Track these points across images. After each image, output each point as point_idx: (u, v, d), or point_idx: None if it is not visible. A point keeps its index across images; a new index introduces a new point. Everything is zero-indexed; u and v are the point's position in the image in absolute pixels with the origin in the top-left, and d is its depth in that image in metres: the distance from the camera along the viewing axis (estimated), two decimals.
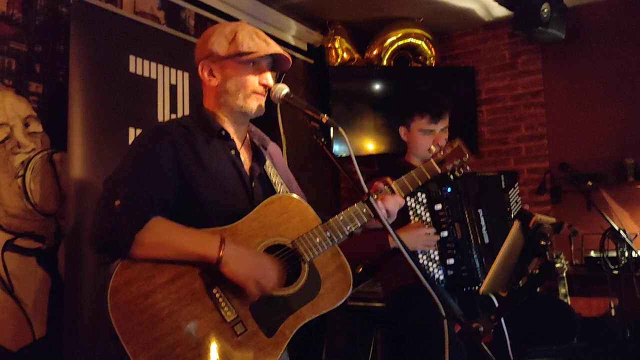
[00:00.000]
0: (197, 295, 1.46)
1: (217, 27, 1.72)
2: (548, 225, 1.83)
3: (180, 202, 1.56)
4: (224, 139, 1.68)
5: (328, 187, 4.31)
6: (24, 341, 2.48)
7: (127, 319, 1.38)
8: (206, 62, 1.69)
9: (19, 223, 2.53)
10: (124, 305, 1.39)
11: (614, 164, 3.87)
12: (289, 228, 1.61)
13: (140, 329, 1.38)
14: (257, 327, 1.49)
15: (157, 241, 1.45)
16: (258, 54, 1.65)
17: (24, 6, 2.64)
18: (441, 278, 2.34)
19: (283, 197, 1.66)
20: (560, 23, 3.87)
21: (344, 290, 1.62)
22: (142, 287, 1.42)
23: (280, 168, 1.87)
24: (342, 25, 4.41)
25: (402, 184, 1.77)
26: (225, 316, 1.46)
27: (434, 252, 2.34)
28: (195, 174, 1.58)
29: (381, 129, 4.36)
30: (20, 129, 2.57)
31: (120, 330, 1.37)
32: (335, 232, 1.62)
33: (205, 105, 1.74)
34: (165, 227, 1.48)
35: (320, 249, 1.60)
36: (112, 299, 1.39)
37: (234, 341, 1.45)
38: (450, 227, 2.35)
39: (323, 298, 1.58)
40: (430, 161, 1.85)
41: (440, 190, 2.37)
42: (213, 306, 1.46)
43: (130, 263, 1.44)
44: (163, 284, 1.44)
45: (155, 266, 1.45)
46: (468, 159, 1.89)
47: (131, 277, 1.42)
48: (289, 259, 1.58)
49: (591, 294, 3.58)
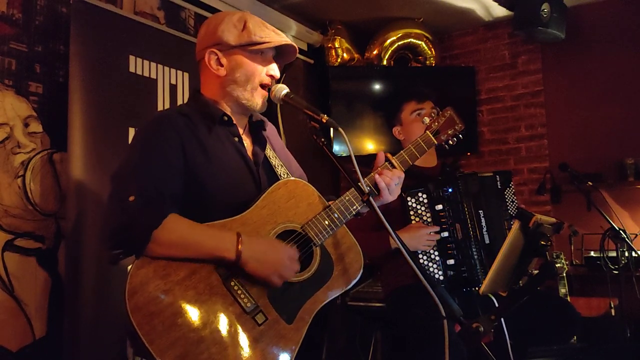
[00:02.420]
0: (215, 289, 1.46)
1: (224, 15, 1.69)
2: (548, 225, 1.83)
3: (186, 191, 1.55)
4: (226, 124, 1.66)
5: (328, 187, 4.32)
6: (24, 341, 2.49)
7: (149, 320, 1.36)
8: (213, 50, 1.65)
9: (19, 223, 2.53)
10: (143, 306, 1.37)
11: (614, 164, 3.87)
12: (298, 213, 1.61)
13: (162, 328, 1.37)
14: (277, 315, 1.50)
15: (174, 240, 1.44)
16: (271, 44, 1.63)
17: (24, 6, 2.64)
18: (441, 278, 2.34)
19: (289, 182, 1.65)
20: (560, 23, 3.87)
21: (357, 269, 1.65)
22: (160, 286, 1.41)
23: (278, 148, 1.86)
24: (342, 25, 4.41)
25: (402, 159, 1.77)
26: (245, 307, 1.46)
27: (435, 253, 2.34)
28: (200, 163, 1.56)
29: (381, 129, 4.36)
30: (20, 129, 2.57)
31: (143, 332, 1.34)
32: (343, 213, 1.63)
33: (204, 93, 1.71)
34: (182, 225, 1.46)
35: (330, 231, 1.61)
36: (131, 300, 1.37)
37: (256, 331, 1.46)
38: (451, 228, 2.35)
39: (337, 280, 1.61)
40: (426, 133, 1.86)
41: (441, 190, 2.37)
42: (232, 298, 1.46)
43: (144, 263, 1.42)
44: (180, 281, 1.43)
45: (169, 264, 1.44)
46: (460, 127, 1.90)
47: (147, 277, 1.41)
48: (301, 244, 1.59)
49: (591, 294, 3.58)
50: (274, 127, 1.93)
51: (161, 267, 1.43)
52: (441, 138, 1.89)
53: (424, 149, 1.82)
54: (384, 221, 1.49)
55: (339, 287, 1.61)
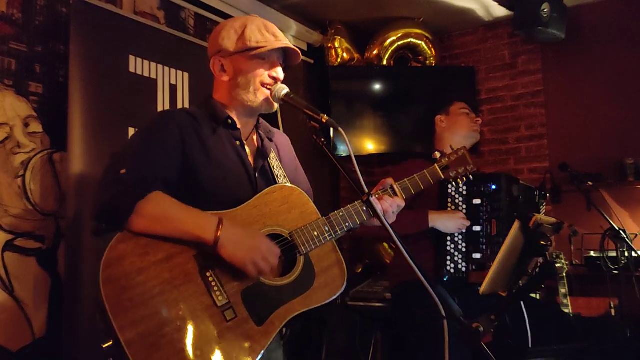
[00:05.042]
0: (190, 277, 1.45)
1: (228, 22, 1.73)
2: (548, 225, 1.83)
3: (182, 188, 1.56)
4: (230, 127, 1.69)
5: (328, 187, 4.32)
6: (24, 341, 2.48)
7: (118, 294, 1.36)
8: (217, 58, 1.70)
9: (19, 223, 2.53)
10: (115, 279, 1.37)
11: (614, 164, 3.87)
12: (289, 219, 1.61)
13: (129, 304, 1.36)
14: (248, 315, 1.48)
15: (156, 213, 1.45)
16: (266, 49, 1.65)
17: (24, 6, 2.64)
18: (463, 270, 2.40)
19: (285, 188, 1.66)
20: (560, 23, 3.87)
21: (338, 286, 1.62)
22: (136, 263, 1.41)
23: (286, 160, 1.87)
24: (342, 25, 4.41)
25: (405, 187, 1.77)
26: (217, 300, 1.46)
27: (463, 244, 2.38)
28: (199, 161, 1.59)
29: (381, 129, 4.36)
30: (20, 129, 2.57)
31: (110, 304, 1.35)
32: (334, 228, 1.62)
33: (215, 97, 1.75)
34: (166, 202, 1.48)
35: (317, 242, 1.60)
36: (104, 272, 1.37)
37: (223, 326, 1.44)
38: (485, 224, 2.39)
39: (316, 292, 1.58)
40: (434, 166, 1.85)
41: (484, 186, 2.41)
42: (205, 289, 1.46)
43: (126, 238, 1.43)
44: (157, 262, 1.43)
45: (150, 243, 1.44)
46: (472, 168, 1.89)
47: (125, 252, 1.41)
48: (286, 249, 1.58)
49: (591, 294, 3.58)
50: (287, 139, 1.95)
51: (141, 246, 1.43)
52: (449, 174, 1.87)
53: (428, 181, 1.82)
54: (384, 221, 1.49)
55: (317, 300, 1.57)
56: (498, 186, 2.42)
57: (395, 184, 1.75)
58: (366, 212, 1.64)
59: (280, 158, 1.83)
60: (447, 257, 2.41)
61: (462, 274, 2.38)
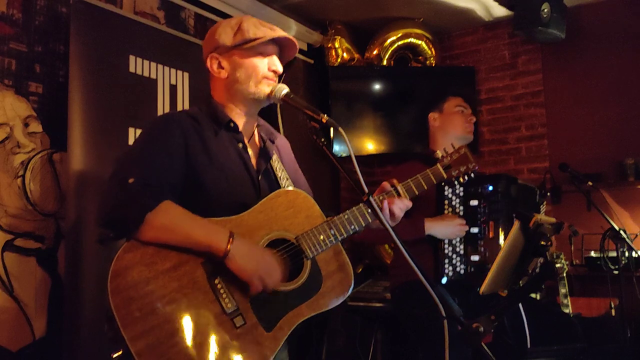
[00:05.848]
0: (199, 284, 1.45)
1: (223, 21, 1.74)
2: (548, 225, 1.83)
3: (186, 191, 1.56)
4: (232, 130, 1.68)
5: (328, 187, 4.32)
6: (24, 341, 2.49)
7: (127, 304, 1.37)
8: (214, 55, 1.69)
9: (19, 223, 2.53)
10: (124, 289, 1.38)
11: (614, 164, 3.87)
12: (295, 223, 1.60)
13: (139, 314, 1.37)
14: (257, 321, 1.48)
15: (166, 224, 1.44)
16: (264, 39, 1.65)
17: (24, 6, 2.64)
18: (462, 272, 2.37)
19: (290, 192, 1.65)
20: (560, 23, 3.87)
21: (344, 289, 1.62)
22: (144, 273, 1.41)
23: (287, 162, 1.86)
24: (342, 25, 4.41)
25: (408, 187, 1.76)
26: (225, 307, 1.46)
27: (460, 246, 2.36)
28: (202, 164, 1.58)
29: (381, 129, 4.36)
30: (20, 129, 2.57)
31: (119, 315, 1.35)
32: (340, 231, 1.62)
33: (214, 97, 1.74)
34: (176, 212, 1.47)
35: (323, 246, 1.59)
36: (113, 282, 1.37)
37: (233, 333, 1.45)
38: (483, 225, 2.37)
39: (323, 296, 1.58)
40: (437, 166, 1.84)
41: (480, 187, 2.39)
42: (214, 297, 1.45)
43: (133, 247, 1.43)
44: (165, 271, 1.43)
45: (157, 252, 1.44)
46: (473, 166, 1.89)
47: (133, 262, 1.41)
48: (292, 254, 1.58)
49: (591, 294, 3.58)
50: (287, 142, 1.95)
51: (148, 255, 1.43)
52: (452, 173, 1.86)
53: (432, 181, 1.81)
54: (385, 222, 1.49)
55: (325, 304, 1.57)
56: (495, 187, 2.39)
57: (399, 185, 1.74)
58: (371, 214, 1.64)
59: (282, 161, 1.82)
60: (445, 260, 2.40)
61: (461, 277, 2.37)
